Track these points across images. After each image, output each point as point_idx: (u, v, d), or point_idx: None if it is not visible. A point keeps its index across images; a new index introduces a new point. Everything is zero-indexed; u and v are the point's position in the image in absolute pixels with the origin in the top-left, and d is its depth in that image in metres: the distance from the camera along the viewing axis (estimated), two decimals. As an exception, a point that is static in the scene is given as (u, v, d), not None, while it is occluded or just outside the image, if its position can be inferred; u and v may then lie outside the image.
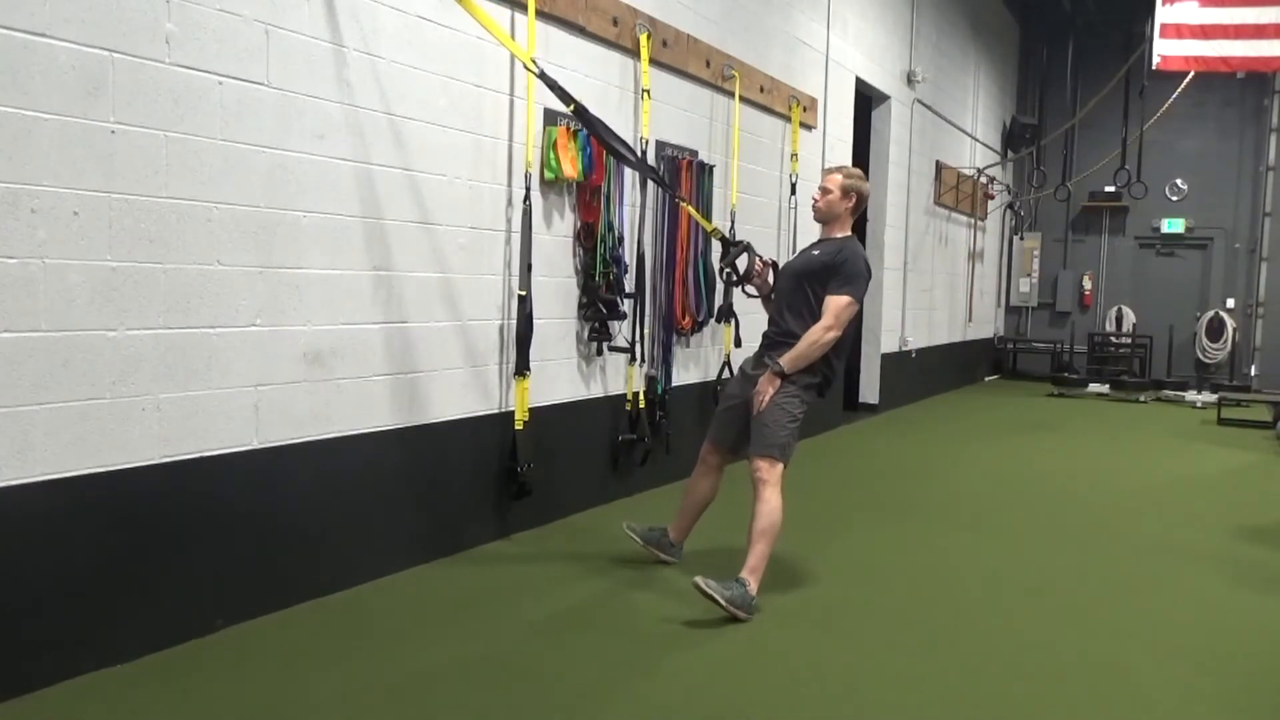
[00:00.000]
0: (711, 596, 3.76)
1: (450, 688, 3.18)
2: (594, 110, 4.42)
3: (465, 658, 3.42)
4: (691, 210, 5.41)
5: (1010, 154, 14.42)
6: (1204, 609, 4.28)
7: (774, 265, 4.43)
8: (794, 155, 7.61)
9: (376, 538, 4.17)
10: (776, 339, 4.16)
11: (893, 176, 10.18)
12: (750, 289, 4.47)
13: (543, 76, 4.21)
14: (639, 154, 4.53)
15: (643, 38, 5.61)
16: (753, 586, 3.88)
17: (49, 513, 3.01)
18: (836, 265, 4.06)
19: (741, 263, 4.41)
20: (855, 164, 9.18)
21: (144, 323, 3.22)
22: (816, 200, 4.24)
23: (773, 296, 4.34)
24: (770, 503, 3.95)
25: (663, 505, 5.08)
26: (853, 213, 4.23)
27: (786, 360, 4.01)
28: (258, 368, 3.62)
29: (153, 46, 3.20)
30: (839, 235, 4.20)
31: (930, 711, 3.15)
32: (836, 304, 4.02)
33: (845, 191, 4.18)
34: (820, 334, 4.00)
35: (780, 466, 4.00)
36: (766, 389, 4.02)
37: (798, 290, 4.13)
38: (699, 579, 3.81)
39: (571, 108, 4.21)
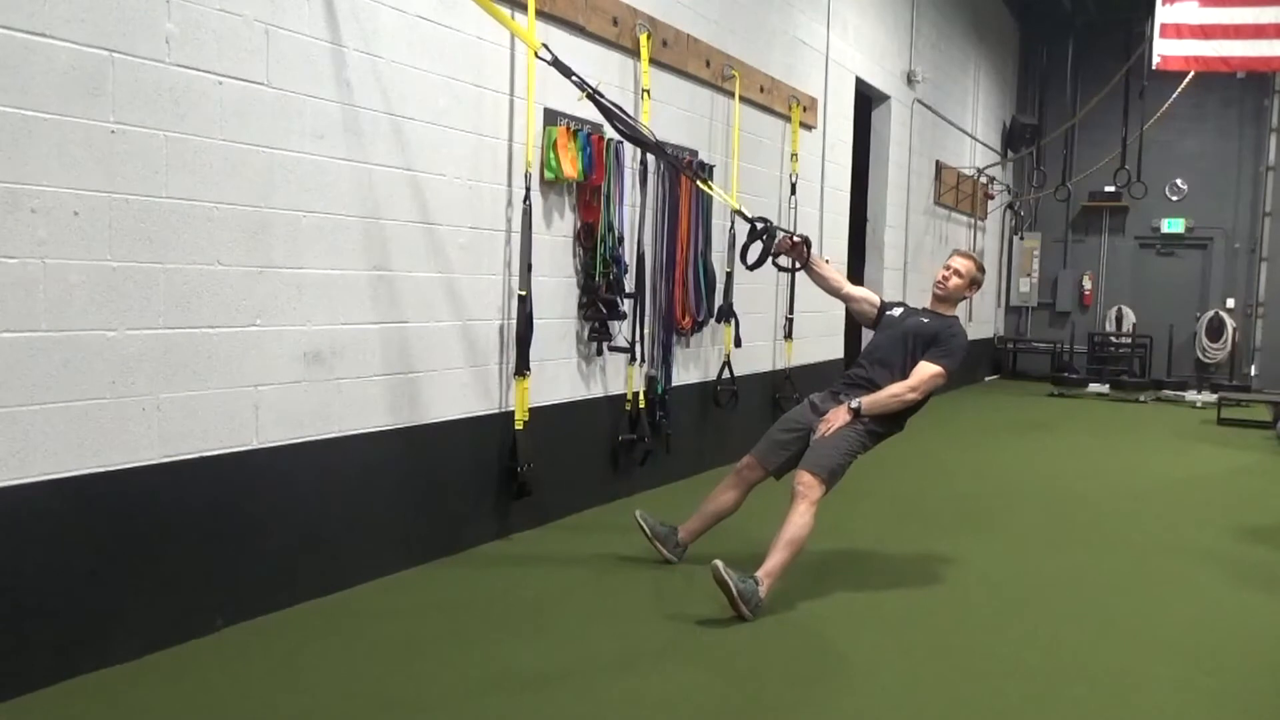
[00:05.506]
0: (726, 582, 3.77)
1: (450, 688, 3.18)
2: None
3: (464, 658, 3.42)
4: (713, 189, 5.27)
5: (1010, 154, 14.42)
6: (1204, 609, 4.28)
7: (806, 240, 4.53)
8: (794, 155, 7.61)
9: (376, 538, 4.17)
10: (858, 381, 4.35)
11: (892, 176, 10.18)
12: (782, 261, 4.57)
13: (555, 63, 4.19)
14: (655, 138, 4.63)
15: (643, 38, 5.61)
16: (764, 589, 3.88)
17: (49, 513, 3.01)
18: (944, 338, 4.33)
19: (761, 242, 4.50)
20: (855, 164, 9.22)
21: (144, 323, 3.22)
22: (945, 278, 4.52)
23: (878, 334, 4.52)
24: (804, 516, 4.01)
25: (663, 505, 5.08)
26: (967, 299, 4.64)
27: (867, 401, 4.20)
28: (258, 368, 3.62)
29: (153, 46, 3.20)
30: (949, 314, 4.51)
31: (930, 711, 3.15)
32: (930, 370, 4.24)
33: (973, 282, 4.57)
34: (904, 391, 4.21)
35: (824, 489, 4.08)
36: (837, 418, 4.18)
37: (898, 348, 4.34)
38: (719, 562, 3.82)
39: (585, 94, 4.21)
